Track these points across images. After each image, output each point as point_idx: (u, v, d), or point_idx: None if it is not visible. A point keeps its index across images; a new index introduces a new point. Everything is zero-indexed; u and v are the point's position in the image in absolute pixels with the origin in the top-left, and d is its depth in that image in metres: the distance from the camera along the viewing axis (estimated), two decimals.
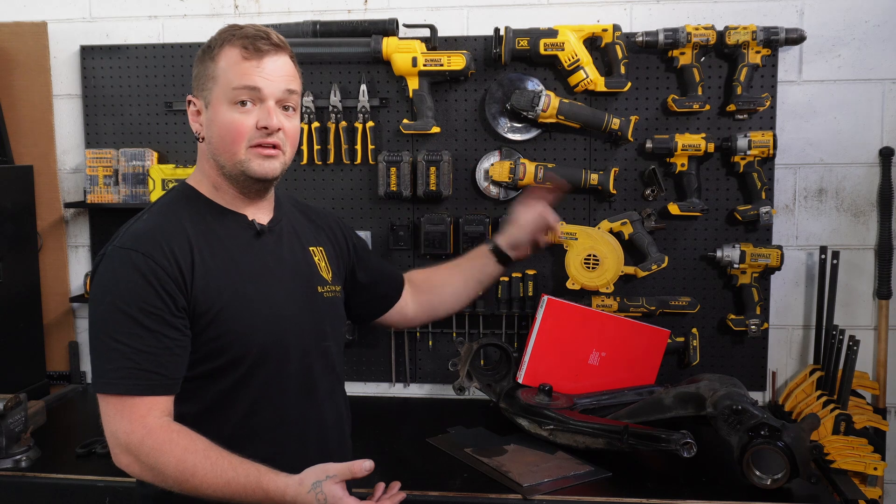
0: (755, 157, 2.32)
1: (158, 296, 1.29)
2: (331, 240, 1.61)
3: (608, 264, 2.35)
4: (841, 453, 2.02)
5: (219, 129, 1.37)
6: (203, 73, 1.40)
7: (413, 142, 2.50)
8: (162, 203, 1.43)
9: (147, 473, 1.29)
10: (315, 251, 1.55)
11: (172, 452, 1.27)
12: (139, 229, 1.35)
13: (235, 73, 1.36)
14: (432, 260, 2.51)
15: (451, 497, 1.85)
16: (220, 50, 1.38)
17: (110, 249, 1.34)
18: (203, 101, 1.40)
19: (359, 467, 1.29)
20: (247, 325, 1.37)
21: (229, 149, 1.37)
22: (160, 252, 1.31)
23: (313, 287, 1.50)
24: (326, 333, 1.51)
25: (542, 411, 2.11)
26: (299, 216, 1.58)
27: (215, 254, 1.37)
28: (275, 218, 1.49)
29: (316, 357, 1.48)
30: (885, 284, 2.42)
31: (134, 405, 1.29)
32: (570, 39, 2.34)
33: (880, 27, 2.37)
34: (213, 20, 2.57)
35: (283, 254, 1.47)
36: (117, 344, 1.28)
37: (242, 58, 1.36)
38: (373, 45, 2.39)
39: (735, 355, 2.47)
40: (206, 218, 1.41)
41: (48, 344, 2.67)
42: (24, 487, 1.95)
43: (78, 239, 2.71)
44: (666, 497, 1.82)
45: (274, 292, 1.42)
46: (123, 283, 1.30)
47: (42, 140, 2.66)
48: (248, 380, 1.38)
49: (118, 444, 1.30)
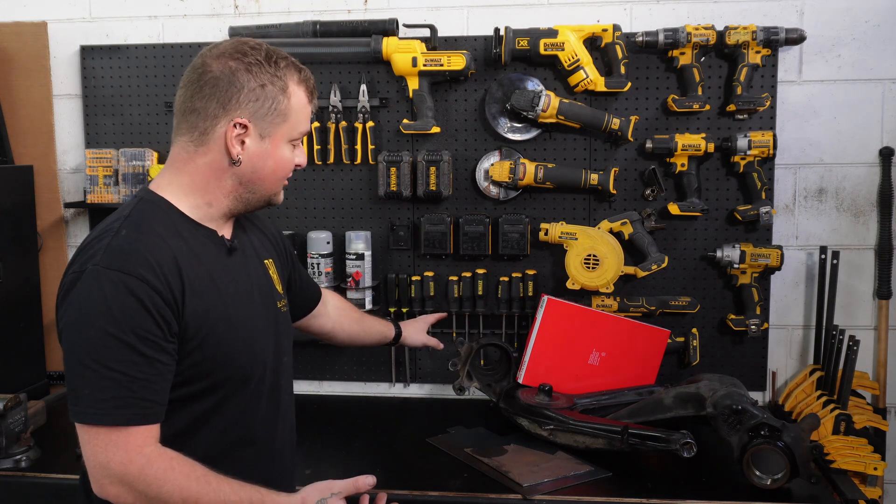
0: (755, 157, 2.32)
1: (155, 322, 1.24)
2: (276, 248, 1.60)
3: (608, 264, 2.35)
4: (841, 453, 2.02)
5: (274, 166, 1.38)
6: (270, 104, 1.34)
7: (413, 142, 2.50)
8: (137, 216, 1.32)
9: (142, 502, 1.25)
10: (269, 264, 1.53)
11: (175, 481, 1.24)
12: (122, 247, 1.26)
13: (303, 116, 1.39)
14: (432, 260, 2.51)
15: (451, 497, 1.85)
16: (289, 85, 1.35)
17: (92, 269, 1.24)
18: (259, 130, 1.34)
19: (363, 482, 1.30)
20: (230, 347, 1.35)
21: (276, 183, 1.41)
22: (153, 275, 1.24)
23: (274, 303, 1.50)
24: (285, 348, 1.52)
25: (542, 411, 2.11)
26: (249, 226, 1.54)
27: (199, 275, 1.32)
28: (234, 232, 1.46)
29: (280, 373, 1.48)
30: (885, 284, 2.42)
31: (129, 435, 1.23)
32: (570, 39, 2.34)
33: (880, 27, 2.37)
34: (213, 20, 2.57)
35: (249, 270, 1.46)
36: (111, 372, 1.21)
37: (307, 101, 1.40)
38: (373, 45, 2.39)
39: (735, 355, 2.47)
40: (182, 234, 1.34)
41: (48, 344, 2.66)
42: (24, 487, 1.96)
43: (78, 239, 2.71)
44: (666, 497, 1.83)
45: (247, 312, 1.40)
46: (116, 307, 1.21)
47: (42, 140, 2.66)
48: (226, 401, 1.36)
49: (109, 476, 1.24)
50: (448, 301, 2.49)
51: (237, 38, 1.38)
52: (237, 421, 1.39)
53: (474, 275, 2.48)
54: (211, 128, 1.33)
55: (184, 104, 1.35)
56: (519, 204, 2.49)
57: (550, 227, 2.39)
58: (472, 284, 2.48)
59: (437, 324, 2.51)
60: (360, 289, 2.47)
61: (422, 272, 2.51)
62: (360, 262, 2.47)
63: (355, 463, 2.05)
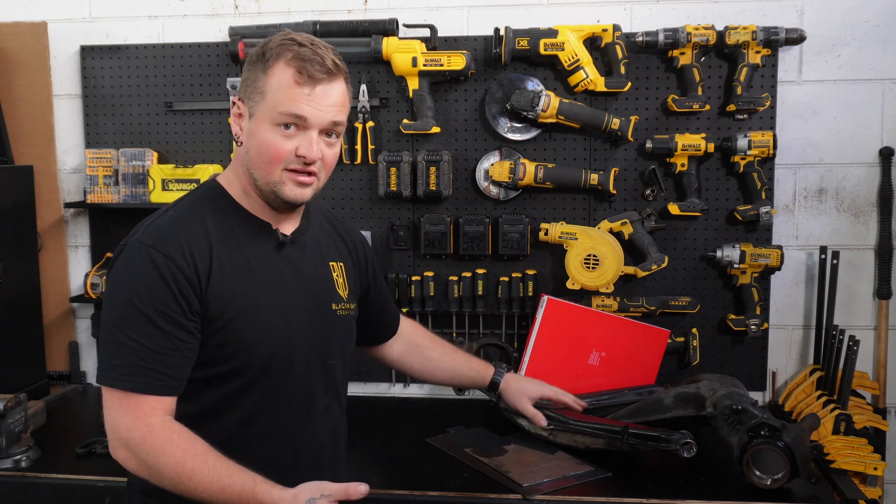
0: (755, 157, 2.32)
1: (174, 298, 1.29)
2: (352, 256, 1.60)
3: (608, 264, 2.35)
4: (841, 453, 2.01)
5: (258, 146, 1.35)
6: (253, 81, 1.35)
7: (413, 142, 2.50)
8: (189, 200, 1.41)
9: (144, 470, 1.30)
10: (335, 266, 1.53)
11: (172, 454, 1.27)
12: (161, 226, 1.34)
13: (285, 96, 1.31)
14: (432, 260, 2.51)
15: (451, 497, 1.85)
16: (273, 63, 1.32)
17: (131, 242, 1.33)
18: (248, 109, 1.37)
19: (354, 490, 1.29)
20: (255, 335, 1.36)
21: (265, 167, 1.35)
22: (180, 253, 1.30)
23: (327, 303, 1.49)
24: (334, 350, 1.51)
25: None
26: (327, 227, 1.57)
27: (234, 260, 1.36)
28: (299, 229, 1.48)
29: (318, 373, 1.48)
30: (885, 284, 2.42)
31: (139, 403, 1.29)
32: (570, 39, 2.34)
33: (880, 27, 2.37)
34: (213, 20, 2.57)
35: (302, 266, 1.46)
36: (129, 340, 1.28)
37: (295, 82, 1.31)
38: (373, 45, 2.39)
39: (735, 355, 2.47)
40: (230, 222, 1.39)
41: (48, 344, 2.66)
42: (24, 487, 1.95)
43: (78, 239, 2.71)
44: (666, 497, 1.83)
45: (285, 305, 1.41)
46: (142, 280, 1.29)
47: (42, 140, 2.66)
48: (249, 389, 1.38)
49: (118, 438, 1.31)
50: (448, 301, 2.49)
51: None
52: (258, 415, 1.40)
53: (474, 275, 2.48)
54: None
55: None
56: (519, 204, 2.49)
57: (550, 227, 2.39)
58: (472, 284, 2.48)
59: (438, 324, 2.52)
60: None
61: (422, 272, 2.51)
62: None
63: (355, 463, 2.04)
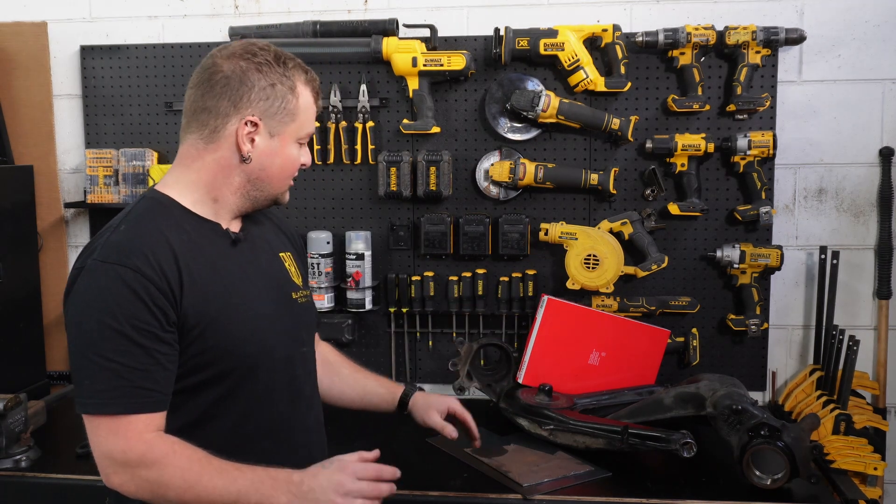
0: (755, 157, 2.32)
1: (150, 311, 1.25)
2: (294, 246, 1.62)
3: (608, 264, 2.35)
4: (841, 453, 2.01)
5: (282, 164, 1.41)
6: (279, 104, 1.37)
7: (413, 142, 2.50)
8: (138, 213, 1.36)
9: (145, 489, 1.26)
10: (285, 256, 1.54)
11: (176, 464, 1.25)
12: (119, 242, 1.29)
13: (309, 117, 1.42)
14: (432, 260, 2.51)
15: (451, 497, 1.85)
16: (297, 85, 1.39)
17: (90, 263, 1.28)
18: (268, 129, 1.37)
19: (368, 454, 1.35)
20: (234, 337, 1.35)
21: (283, 182, 1.43)
22: (148, 266, 1.26)
23: (288, 293, 1.50)
24: (303, 339, 1.51)
25: (542, 411, 2.11)
26: (264, 221, 1.56)
27: (199, 266, 1.34)
28: (244, 227, 1.48)
29: (298, 363, 1.48)
30: (885, 284, 2.42)
31: (130, 424, 1.25)
32: (570, 39, 2.34)
33: (880, 27, 2.37)
34: (213, 20, 2.57)
35: (259, 261, 1.46)
36: (108, 363, 1.24)
37: (314, 102, 1.43)
38: (373, 45, 2.39)
39: (735, 355, 2.47)
40: (184, 227, 1.36)
41: (48, 344, 2.66)
42: (24, 487, 1.96)
43: (78, 239, 2.71)
44: (666, 497, 1.83)
45: (255, 302, 1.41)
46: (112, 299, 1.24)
47: (42, 140, 2.66)
48: (235, 391, 1.37)
49: (113, 464, 1.26)
50: (448, 301, 2.49)
51: (246, 40, 1.41)
52: (250, 413, 1.39)
53: (474, 275, 2.48)
54: (222, 125, 1.36)
55: (194, 103, 1.38)
56: (519, 204, 2.49)
57: (550, 227, 2.39)
58: (472, 284, 2.48)
59: (437, 324, 2.52)
60: (359, 289, 2.47)
61: (422, 272, 2.51)
62: (360, 262, 2.47)
63: None
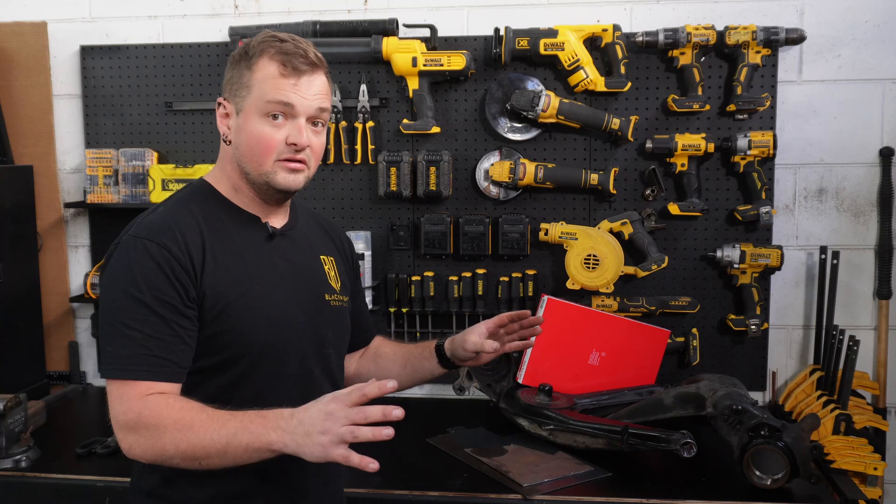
0: (755, 157, 2.32)
1: (172, 285, 1.30)
2: (341, 252, 1.63)
3: (608, 264, 2.35)
4: (841, 453, 2.02)
5: (248, 139, 1.39)
6: (238, 79, 1.40)
7: (413, 142, 2.50)
8: (178, 197, 1.44)
9: (149, 447, 1.25)
10: (326, 260, 1.55)
11: (170, 415, 1.25)
12: (153, 220, 1.36)
13: (271, 86, 1.37)
14: (432, 260, 2.51)
15: (451, 497, 1.85)
16: (257, 60, 1.38)
17: (125, 238, 1.35)
18: (234, 106, 1.41)
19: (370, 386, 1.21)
20: (248, 324, 1.37)
21: (257, 159, 1.39)
22: (174, 243, 1.32)
23: (320, 294, 1.51)
24: (328, 340, 1.51)
25: (542, 411, 2.11)
26: (314, 225, 1.59)
27: (225, 251, 1.38)
28: (288, 224, 1.50)
29: (315, 362, 1.48)
30: (885, 284, 2.42)
31: (140, 388, 1.28)
32: (570, 39, 2.34)
33: (880, 27, 2.37)
34: (213, 20, 2.57)
35: (293, 258, 1.48)
36: (130, 330, 1.29)
37: (280, 74, 1.37)
38: (373, 45, 2.39)
39: (735, 355, 2.47)
40: (220, 216, 1.42)
41: (48, 344, 2.67)
42: (24, 487, 1.96)
43: (78, 239, 2.71)
44: (666, 497, 1.83)
45: (278, 294, 1.42)
46: (138, 270, 1.30)
47: (42, 140, 2.66)
48: (245, 378, 1.38)
49: (120, 428, 1.28)
50: (448, 301, 2.49)
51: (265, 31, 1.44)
52: (260, 402, 1.37)
53: (474, 275, 2.48)
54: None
55: None
56: (519, 204, 2.49)
57: (550, 227, 2.39)
58: (472, 284, 2.48)
59: (437, 324, 2.52)
60: None
61: (422, 272, 2.51)
62: (360, 262, 2.47)
63: None
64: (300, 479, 1.43)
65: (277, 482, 1.39)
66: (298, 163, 1.40)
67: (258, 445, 1.21)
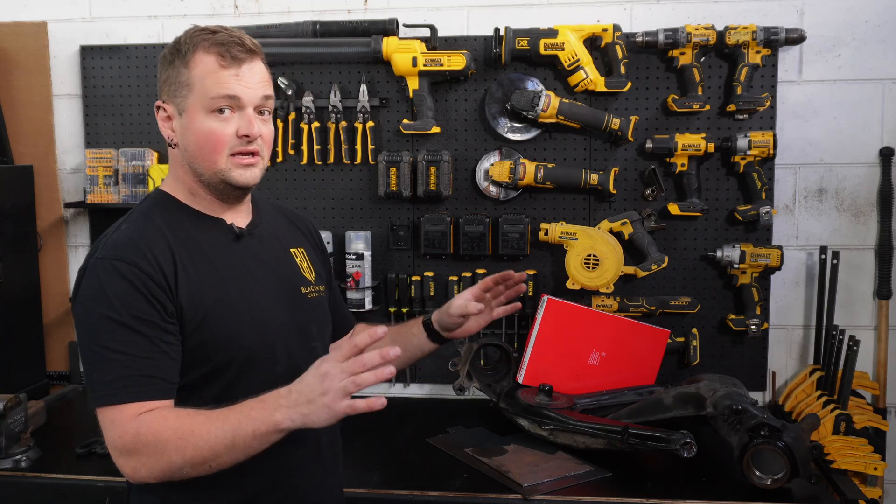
0: (755, 157, 2.32)
1: (149, 302, 1.27)
2: (310, 242, 1.60)
3: (608, 264, 2.35)
4: (841, 453, 2.02)
5: (196, 139, 1.35)
6: (175, 78, 1.36)
7: (413, 142, 2.50)
8: (138, 212, 1.40)
9: (153, 464, 1.23)
10: (296, 252, 1.53)
11: (168, 426, 1.23)
12: (118, 239, 1.33)
13: (213, 81, 1.33)
14: (432, 260, 2.51)
15: (451, 497, 1.85)
16: (192, 55, 1.34)
17: (92, 262, 1.31)
18: (175, 107, 1.37)
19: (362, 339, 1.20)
20: (231, 330, 1.35)
21: (209, 157, 1.35)
22: (144, 259, 1.29)
23: (296, 288, 1.49)
24: (313, 334, 1.50)
25: (542, 411, 2.11)
26: (279, 218, 1.56)
27: (195, 261, 1.35)
28: (253, 221, 1.48)
29: (303, 359, 1.45)
30: (885, 284, 2.42)
31: (132, 410, 1.25)
32: (570, 39, 2.34)
33: (880, 27, 2.37)
34: (212, 20, 2.57)
35: (264, 256, 1.46)
36: (113, 354, 1.25)
37: (219, 66, 1.33)
38: (373, 45, 2.39)
39: (735, 355, 2.47)
40: (184, 224, 1.38)
41: (48, 344, 2.67)
42: (24, 487, 1.96)
43: (78, 239, 2.71)
44: (666, 497, 1.83)
45: (256, 295, 1.40)
46: (112, 292, 1.27)
47: (42, 140, 2.66)
48: (236, 385, 1.35)
49: (119, 454, 1.26)
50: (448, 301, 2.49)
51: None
52: None
53: (474, 275, 2.48)
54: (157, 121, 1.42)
55: None
56: (519, 204, 2.49)
57: (550, 227, 2.39)
58: (473, 284, 2.47)
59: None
60: (359, 289, 2.47)
61: (422, 272, 2.51)
62: (360, 262, 2.47)
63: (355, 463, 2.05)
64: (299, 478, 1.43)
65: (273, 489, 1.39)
66: (251, 156, 1.37)
67: (265, 429, 1.20)
